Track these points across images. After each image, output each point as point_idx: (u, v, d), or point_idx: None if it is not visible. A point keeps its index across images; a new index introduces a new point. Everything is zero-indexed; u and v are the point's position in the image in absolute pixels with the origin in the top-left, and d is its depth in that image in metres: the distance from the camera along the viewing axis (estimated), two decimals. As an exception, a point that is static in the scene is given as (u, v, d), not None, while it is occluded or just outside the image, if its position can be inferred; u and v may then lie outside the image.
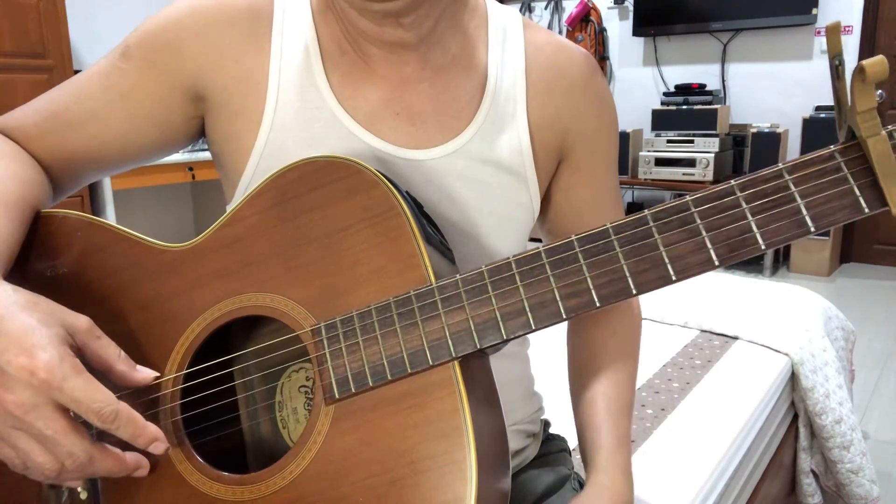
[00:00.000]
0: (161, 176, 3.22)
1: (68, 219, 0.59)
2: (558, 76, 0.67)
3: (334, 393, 0.49)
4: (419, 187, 0.62)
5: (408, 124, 0.62)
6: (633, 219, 0.44)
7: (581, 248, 0.45)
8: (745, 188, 0.42)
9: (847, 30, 3.97)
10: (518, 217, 0.66)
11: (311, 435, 0.49)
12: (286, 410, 0.58)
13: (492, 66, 0.65)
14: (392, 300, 0.49)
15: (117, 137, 0.64)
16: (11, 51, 2.78)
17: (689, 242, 0.43)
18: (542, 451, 0.80)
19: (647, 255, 0.43)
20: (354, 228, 0.51)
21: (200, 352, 0.54)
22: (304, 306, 0.51)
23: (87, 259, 0.58)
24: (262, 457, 0.59)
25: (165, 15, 0.63)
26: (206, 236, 0.56)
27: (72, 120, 0.63)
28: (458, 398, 0.46)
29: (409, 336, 0.48)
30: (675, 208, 0.43)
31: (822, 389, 1.52)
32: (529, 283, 0.46)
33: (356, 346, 0.49)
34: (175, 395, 0.53)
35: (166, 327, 0.55)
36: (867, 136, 0.38)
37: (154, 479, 0.52)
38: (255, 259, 0.53)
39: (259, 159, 0.62)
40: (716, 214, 0.42)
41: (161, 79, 0.62)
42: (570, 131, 0.67)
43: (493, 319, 0.46)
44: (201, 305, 0.54)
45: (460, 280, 0.47)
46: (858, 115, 0.38)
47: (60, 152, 0.64)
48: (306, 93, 0.61)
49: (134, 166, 0.69)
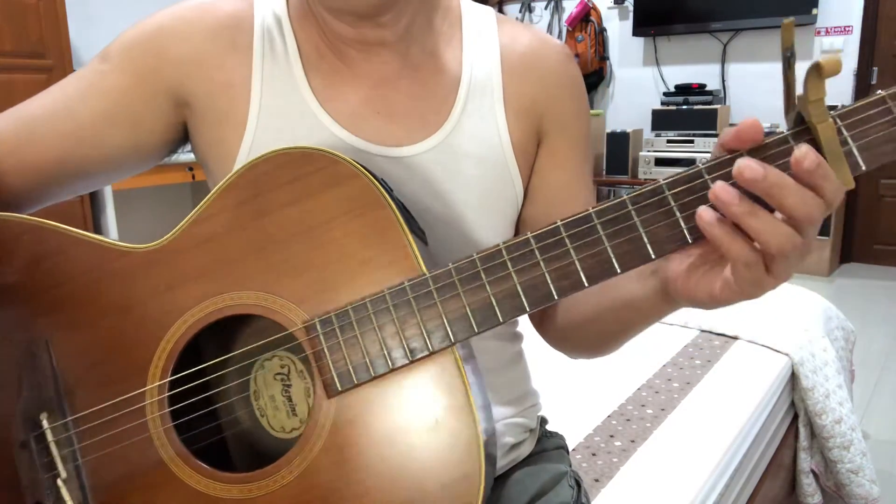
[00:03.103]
0: (161, 176, 3.22)
1: (7, 222, 0.55)
2: (533, 65, 0.68)
3: (337, 386, 0.49)
4: (403, 184, 0.62)
5: (388, 122, 0.63)
6: (613, 203, 0.47)
7: (567, 233, 0.47)
8: (711, 171, 0.45)
9: (847, 30, 3.97)
10: (502, 208, 0.67)
11: (314, 429, 0.49)
12: (263, 399, 0.58)
13: (466, 60, 0.66)
14: (387, 291, 0.49)
15: (92, 136, 0.62)
16: (11, 51, 2.78)
17: (665, 223, 0.46)
18: (539, 447, 0.80)
19: (629, 237, 0.46)
20: (338, 221, 0.50)
21: (183, 355, 0.53)
22: (294, 302, 0.51)
23: (38, 265, 0.55)
24: (244, 447, 0.59)
25: (147, 23, 0.63)
26: (174, 235, 0.53)
27: (46, 119, 0.62)
28: (461, 380, 0.48)
29: (407, 325, 0.49)
30: (650, 192, 0.46)
31: (822, 389, 1.52)
32: (521, 268, 0.48)
33: (354, 340, 0.49)
34: (163, 403, 0.52)
35: (142, 333, 0.53)
36: (817, 122, 0.42)
37: (152, 487, 0.52)
38: (233, 257, 0.52)
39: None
40: (688, 196, 0.46)
41: (143, 81, 0.62)
42: (545, 116, 0.68)
43: (488, 304, 0.48)
44: (180, 307, 0.52)
45: (453, 269, 0.48)
46: (810, 104, 0.42)
47: (29, 156, 0.61)
48: (289, 97, 0.62)
49: (105, 178, 0.66)
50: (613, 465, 1.10)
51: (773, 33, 4.12)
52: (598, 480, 1.05)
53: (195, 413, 0.54)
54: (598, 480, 1.05)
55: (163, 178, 3.24)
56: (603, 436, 1.20)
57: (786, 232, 0.43)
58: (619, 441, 1.18)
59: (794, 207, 0.42)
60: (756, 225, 0.43)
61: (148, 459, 0.52)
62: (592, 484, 1.04)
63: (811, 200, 0.42)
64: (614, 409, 1.29)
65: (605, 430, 1.21)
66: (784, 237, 0.43)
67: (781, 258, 0.44)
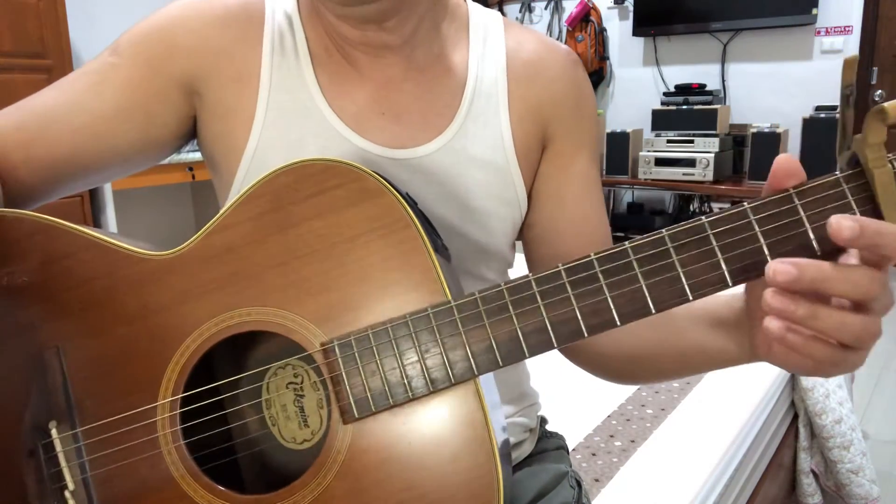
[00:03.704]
0: (161, 176, 3.22)
1: (23, 220, 0.53)
2: (539, 70, 0.67)
3: (353, 413, 0.48)
4: (406, 186, 0.62)
5: (393, 124, 0.63)
6: (650, 239, 0.45)
7: (601, 268, 0.45)
8: (757, 212, 0.43)
9: (847, 30, 3.97)
10: (504, 213, 0.67)
11: (329, 454, 0.48)
12: (275, 408, 0.57)
13: (472, 64, 0.66)
14: (409, 318, 0.47)
15: (104, 131, 0.62)
16: (11, 51, 2.78)
17: (705, 264, 0.44)
18: (539, 447, 0.80)
19: (666, 276, 0.44)
20: (362, 240, 0.49)
21: (196, 370, 0.51)
22: (313, 322, 0.49)
23: (51, 267, 0.53)
24: (253, 456, 0.58)
25: (160, 14, 0.64)
26: (192, 244, 0.52)
27: (57, 113, 0.61)
28: (481, 413, 0.46)
29: (430, 354, 0.47)
30: (691, 229, 0.44)
31: (822, 389, 1.52)
32: (550, 302, 0.46)
33: (374, 367, 0.47)
34: (175, 420, 0.51)
35: (156, 344, 0.51)
36: (874, 167, 0.40)
37: (163, 503, 0.50)
38: (251, 271, 0.50)
39: (252, 159, 0.62)
40: (730, 237, 0.44)
41: (154, 73, 0.62)
42: (551, 121, 0.67)
43: (515, 338, 0.46)
44: (195, 320, 0.51)
45: (479, 298, 0.47)
46: (868, 147, 0.40)
47: (39, 149, 0.61)
48: (297, 93, 0.62)
49: (114, 173, 0.66)
50: (613, 465, 1.10)
51: (773, 33, 4.12)
52: (598, 480, 1.05)
53: (208, 432, 0.52)
54: (598, 480, 1.05)
55: (163, 178, 3.24)
56: (603, 436, 1.20)
57: (855, 322, 0.40)
58: (619, 441, 1.18)
59: (848, 293, 0.39)
60: (821, 326, 0.40)
61: (158, 475, 0.50)
62: (592, 484, 1.04)
63: (863, 278, 0.39)
64: (614, 409, 1.29)
65: (605, 430, 1.21)
66: (856, 327, 0.40)
67: (861, 345, 0.41)
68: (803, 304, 0.40)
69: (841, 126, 0.43)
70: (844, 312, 0.40)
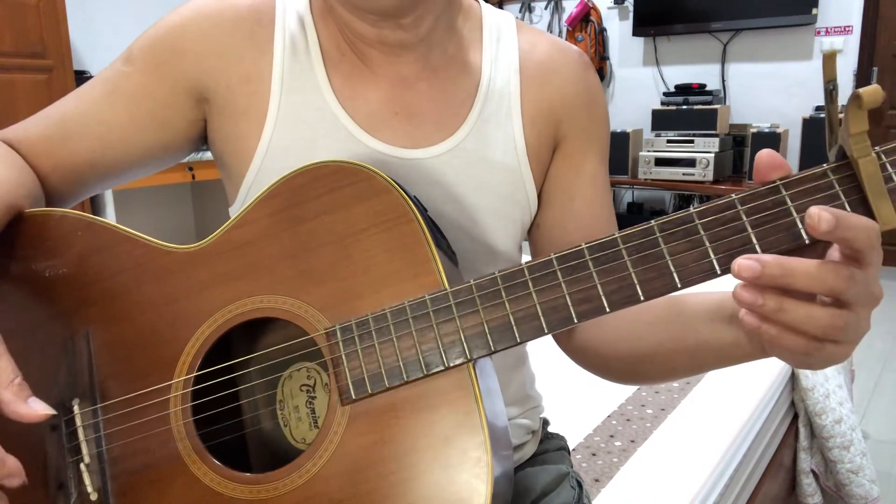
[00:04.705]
0: (161, 176, 3.21)
1: (67, 218, 0.58)
2: (551, 72, 0.67)
3: (351, 394, 0.49)
4: (417, 186, 0.62)
5: (406, 123, 0.63)
6: (640, 229, 0.46)
7: (591, 257, 0.47)
8: (744, 202, 0.44)
9: (847, 30, 3.97)
10: (514, 214, 0.67)
11: (326, 435, 0.50)
12: (288, 409, 0.59)
13: (486, 65, 0.66)
14: (407, 304, 0.49)
15: (120, 140, 0.64)
16: (11, 51, 2.78)
17: (693, 252, 0.45)
18: (541, 449, 0.80)
19: (654, 264, 0.45)
20: (367, 233, 0.52)
21: (210, 354, 0.54)
22: (318, 309, 0.52)
23: (88, 260, 0.57)
24: (264, 454, 0.60)
25: (169, 20, 0.64)
26: (214, 238, 0.56)
27: (76, 123, 0.64)
28: (473, 399, 0.48)
29: (425, 339, 0.49)
30: (679, 219, 0.45)
31: (822, 389, 1.52)
32: (542, 289, 0.47)
33: (372, 349, 0.49)
34: (186, 397, 0.53)
35: (174, 329, 0.55)
36: (858, 156, 0.41)
37: (167, 480, 0.52)
38: (265, 262, 0.54)
39: (262, 160, 0.62)
40: (718, 226, 0.44)
41: (164, 80, 0.63)
42: (562, 123, 0.68)
43: (507, 323, 0.48)
44: (211, 308, 0.54)
45: (474, 285, 0.48)
46: (851, 137, 0.40)
47: (63, 157, 0.64)
48: (308, 94, 0.62)
49: (137, 174, 0.68)
50: (613, 465, 1.10)
51: (773, 33, 4.12)
52: (599, 480, 1.05)
53: (216, 409, 0.55)
54: (599, 480, 1.05)
55: (163, 178, 3.24)
56: (603, 436, 1.20)
57: (821, 315, 0.40)
58: (619, 441, 1.18)
59: (813, 288, 0.39)
60: (787, 319, 0.40)
61: (166, 452, 0.53)
62: (592, 484, 1.04)
63: (828, 273, 0.39)
64: (614, 409, 1.29)
65: (605, 430, 1.22)
66: (823, 321, 0.40)
67: (833, 338, 0.41)
68: (770, 297, 0.40)
69: (827, 121, 0.44)
70: (811, 305, 0.40)
